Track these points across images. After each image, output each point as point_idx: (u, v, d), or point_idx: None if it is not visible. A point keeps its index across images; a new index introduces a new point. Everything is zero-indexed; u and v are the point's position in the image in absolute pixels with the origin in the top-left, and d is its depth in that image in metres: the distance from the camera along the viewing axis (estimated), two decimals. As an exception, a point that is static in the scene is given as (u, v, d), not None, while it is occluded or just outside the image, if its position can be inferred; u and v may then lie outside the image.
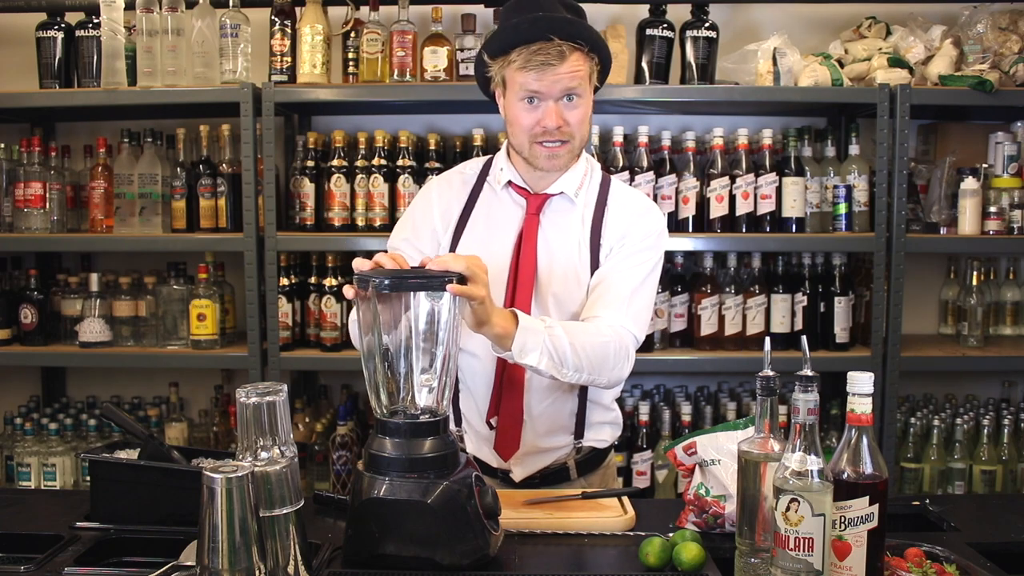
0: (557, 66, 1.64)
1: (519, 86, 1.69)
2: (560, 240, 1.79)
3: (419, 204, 1.90)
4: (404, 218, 1.92)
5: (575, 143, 1.73)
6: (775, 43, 2.79)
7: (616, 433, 1.95)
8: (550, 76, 1.65)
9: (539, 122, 1.69)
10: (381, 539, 1.36)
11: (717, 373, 3.12)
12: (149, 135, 2.87)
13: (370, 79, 2.77)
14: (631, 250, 1.78)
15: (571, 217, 1.81)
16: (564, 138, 1.71)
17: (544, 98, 1.68)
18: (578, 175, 1.81)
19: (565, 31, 1.65)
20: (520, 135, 1.73)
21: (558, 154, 1.72)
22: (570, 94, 1.68)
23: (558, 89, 1.66)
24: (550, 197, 1.80)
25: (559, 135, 1.70)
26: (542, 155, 1.73)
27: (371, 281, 1.41)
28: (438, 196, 1.87)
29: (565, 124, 1.69)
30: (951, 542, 1.51)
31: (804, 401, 1.24)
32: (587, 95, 1.72)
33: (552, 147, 1.71)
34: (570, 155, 1.75)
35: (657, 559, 1.39)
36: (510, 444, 1.81)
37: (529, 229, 1.78)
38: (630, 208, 1.83)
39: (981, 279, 2.98)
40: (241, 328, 2.92)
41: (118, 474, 1.64)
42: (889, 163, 2.70)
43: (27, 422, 2.91)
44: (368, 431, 2.77)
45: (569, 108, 1.69)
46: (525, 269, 1.76)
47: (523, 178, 1.81)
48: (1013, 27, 2.80)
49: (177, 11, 2.75)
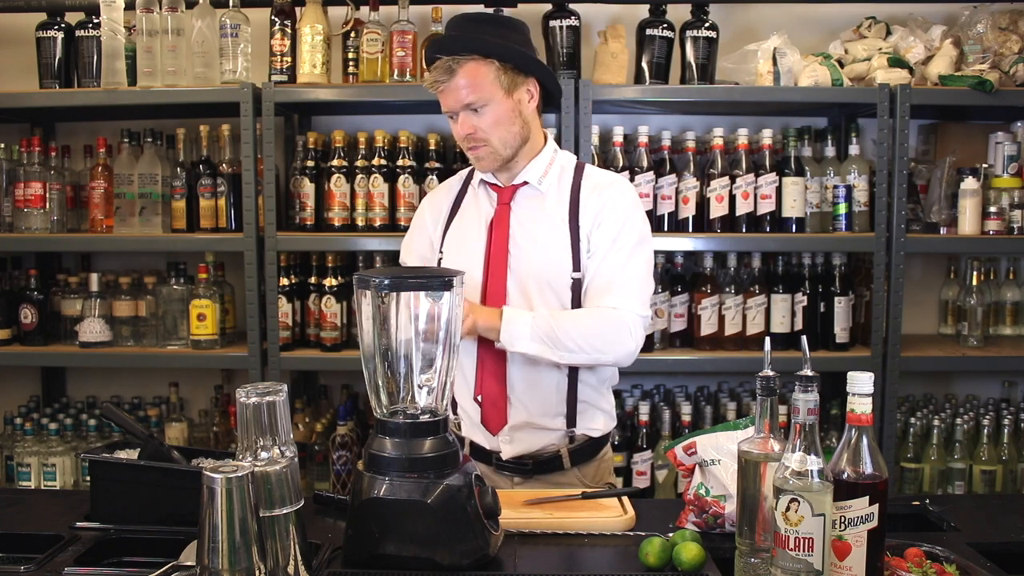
0: (448, 81, 1.81)
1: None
2: (535, 225, 1.91)
3: (415, 220, 2.09)
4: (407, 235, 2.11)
5: (492, 144, 1.86)
6: (775, 43, 2.79)
7: (611, 424, 1.98)
8: (446, 94, 1.83)
9: (458, 133, 1.87)
10: (381, 539, 1.36)
11: (717, 373, 3.12)
12: (149, 135, 2.88)
13: (370, 79, 2.77)
14: (610, 233, 1.87)
15: (543, 204, 1.93)
16: (478, 143, 1.86)
17: (451, 111, 1.86)
18: (542, 164, 1.94)
19: (448, 48, 1.83)
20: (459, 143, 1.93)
21: (480, 156, 1.88)
22: (470, 105, 1.82)
23: (458, 104, 1.83)
24: (518, 188, 1.93)
25: (473, 141, 1.86)
26: (471, 157, 1.91)
27: (371, 281, 1.41)
28: (429, 208, 2.06)
29: (475, 130, 1.84)
30: (951, 542, 1.51)
31: (804, 401, 1.24)
32: (496, 99, 1.83)
33: (474, 151, 1.88)
34: (493, 155, 1.88)
35: (657, 559, 1.40)
36: (497, 417, 1.89)
37: (500, 216, 1.92)
38: (598, 184, 1.94)
39: (981, 279, 2.98)
40: (241, 328, 2.92)
41: (118, 474, 1.65)
42: (889, 163, 2.70)
43: (27, 422, 2.91)
44: (368, 431, 2.77)
45: (477, 117, 1.84)
46: (497, 252, 1.89)
47: (493, 175, 1.96)
48: (1013, 27, 2.80)
49: (177, 11, 2.75)
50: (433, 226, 2.01)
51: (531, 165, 1.92)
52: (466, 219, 1.97)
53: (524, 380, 1.88)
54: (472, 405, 1.92)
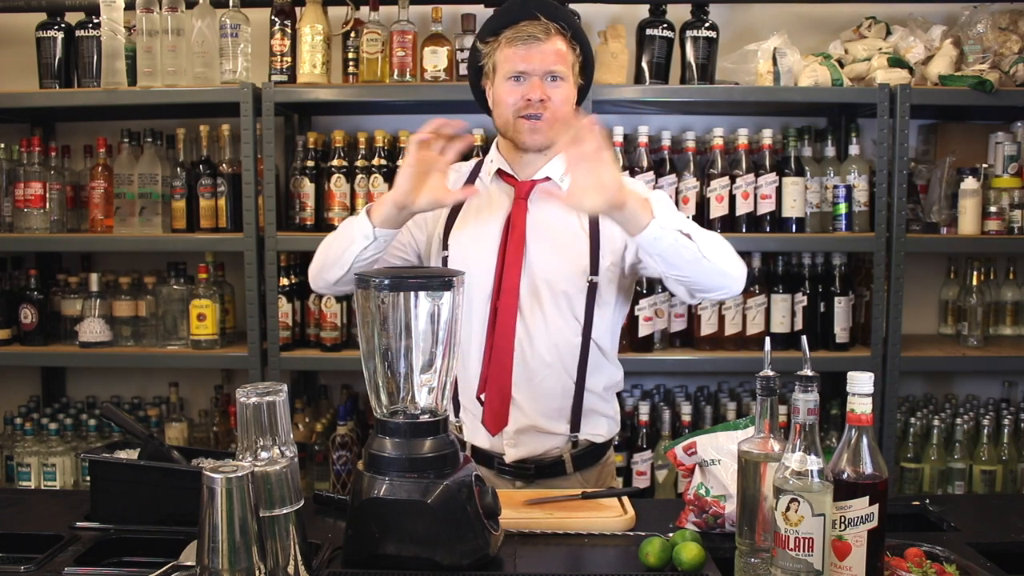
0: (542, 42, 1.75)
1: (507, 64, 1.79)
2: (552, 225, 1.84)
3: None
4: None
5: (556, 120, 1.78)
6: (775, 43, 2.79)
7: (614, 429, 1.96)
8: (535, 52, 1.75)
9: (523, 95, 1.77)
10: (381, 539, 1.36)
11: (717, 373, 3.12)
12: (149, 135, 2.88)
13: (370, 79, 2.77)
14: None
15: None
16: (545, 111, 1.78)
17: (529, 76, 1.77)
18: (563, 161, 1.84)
19: (550, 12, 1.78)
20: (505, 112, 1.81)
21: (539, 128, 1.79)
22: (553, 75, 1.77)
23: (542, 68, 1.76)
24: (537, 183, 1.85)
25: (541, 108, 1.77)
26: (524, 128, 1.79)
27: (371, 281, 1.41)
28: None
29: (548, 99, 1.77)
30: (951, 542, 1.51)
31: (804, 401, 1.24)
32: (570, 81, 1.80)
33: (535, 120, 1.78)
34: (550, 130, 1.78)
35: (657, 559, 1.39)
36: (498, 418, 1.84)
37: (517, 213, 1.84)
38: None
39: (981, 279, 2.98)
40: (241, 328, 2.92)
41: (118, 474, 1.64)
42: (889, 163, 2.70)
43: (27, 422, 2.91)
44: (368, 431, 2.77)
45: (552, 86, 1.77)
46: (513, 249, 1.82)
47: (511, 165, 1.88)
48: (1013, 27, 2.80)
49: (177, 11, 2.75)
50: (433, 220, 1.90)
51: (555, 160, 1.84)
52: (480, 214, 1.88)
53: (530, 381, 1.84)
54: (475, 404, 1.87)
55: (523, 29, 1.76)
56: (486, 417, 1.85)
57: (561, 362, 1.84)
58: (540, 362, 1.83)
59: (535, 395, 1.85)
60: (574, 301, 1.83)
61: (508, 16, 1.80)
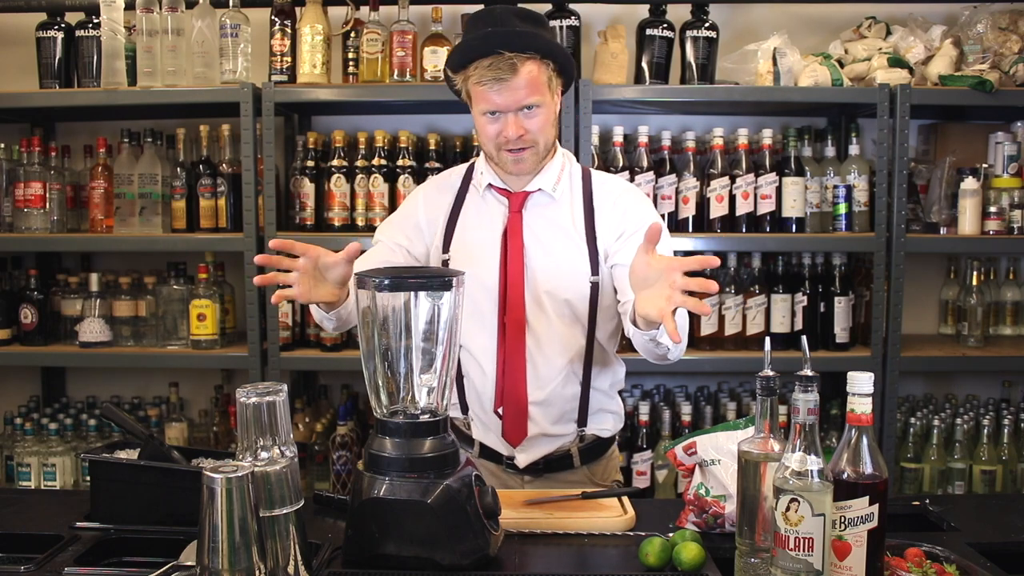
0: (510, 79, 1.71)
1: (481, 102, 1.76)
2: (549, 234, 1.86)
3: (407, 203, 1.99)
4: (391, 217, 2.01)
5: (539, 147, 1.80)
6: (775, 43, 2.79)
7: (619, 424, 1.99)
8: (506, 91, 1.72)
9: (500, 133, 1.77)
10: (381, 539, 1.36)
11: (717, 373, 3.12)
12: (149, 135, 2.87)
13: (370, 79, 2.77)
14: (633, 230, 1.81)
15: (556, 211, 1.87)
16: (526, 145, 1.78)
17: (503, 112, 1.75)
18: (554, 171, 1.87)
19: (514, 44, 1.71)
20: (487, 144, 1.82)
21: (523, 158, 1.80)
22: (528, 106, 1.74)
23: (515, 104, 1.73)
24: (530, 194, 1.87)
25: (521, 143, 1.77)
26: (508, 160, 1.81)
27: (371, 281, 1.41)
28: (424, 198, 1.96)
29: (525, 132, 1.77)
30: (951, 542, 1.51)
31: (804, 401, 1.24)
32: (547, 101, 1.77)
33: (518, 153, 1.79)
34: (535, 158, 1.81)
35: (657, 559, 1.40)
36: (518, 431, 1.87)
37: (513, 226, 1.85)
38: (611, 192, 1.90)
39: (981, 279, 2.98)
40: (241, 328, 2.92)
41: (118, 474, 1.64)
42: (889, 163, 2.70)
43: (27, 422, 2.91)
44: (368, 431, 2.77)
45: (528, 117, 1.76)
46: (514, 263, 1.83)
47: (501, 179, 1.88)
48: (1013, 27, 2.80)
49: (177, 11, 2.75)
50: (428, 227, 1.92)
51: (545, 171, 1.86)
52: (478, 225, 1.89)
53: (542, 389, 1.85)
54: (489, 416, 1.89)
55: (489, 69, 1.71)
56: (506, 431, 1.88)
57: (570, 365, 1.87)
58: (551, 369, 1.85)
59: (547, 402, 1.87)
60: (578, 305, 1.85)
61: (472, 51, 1.74)
